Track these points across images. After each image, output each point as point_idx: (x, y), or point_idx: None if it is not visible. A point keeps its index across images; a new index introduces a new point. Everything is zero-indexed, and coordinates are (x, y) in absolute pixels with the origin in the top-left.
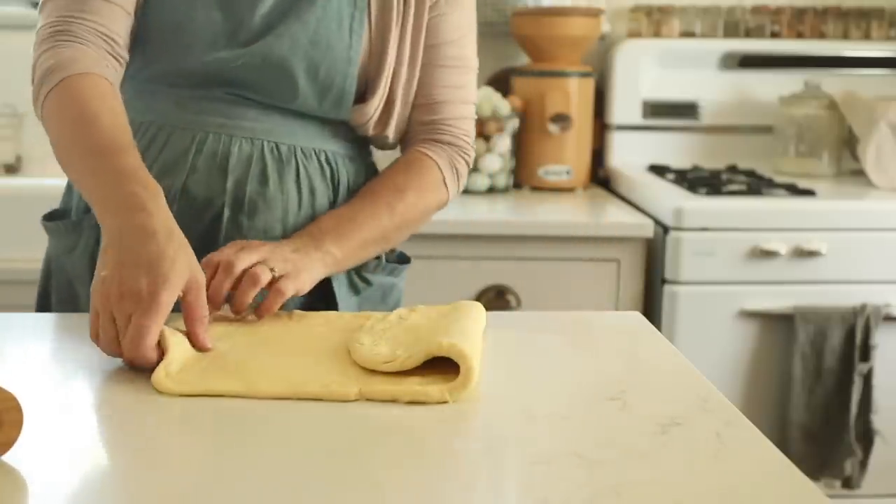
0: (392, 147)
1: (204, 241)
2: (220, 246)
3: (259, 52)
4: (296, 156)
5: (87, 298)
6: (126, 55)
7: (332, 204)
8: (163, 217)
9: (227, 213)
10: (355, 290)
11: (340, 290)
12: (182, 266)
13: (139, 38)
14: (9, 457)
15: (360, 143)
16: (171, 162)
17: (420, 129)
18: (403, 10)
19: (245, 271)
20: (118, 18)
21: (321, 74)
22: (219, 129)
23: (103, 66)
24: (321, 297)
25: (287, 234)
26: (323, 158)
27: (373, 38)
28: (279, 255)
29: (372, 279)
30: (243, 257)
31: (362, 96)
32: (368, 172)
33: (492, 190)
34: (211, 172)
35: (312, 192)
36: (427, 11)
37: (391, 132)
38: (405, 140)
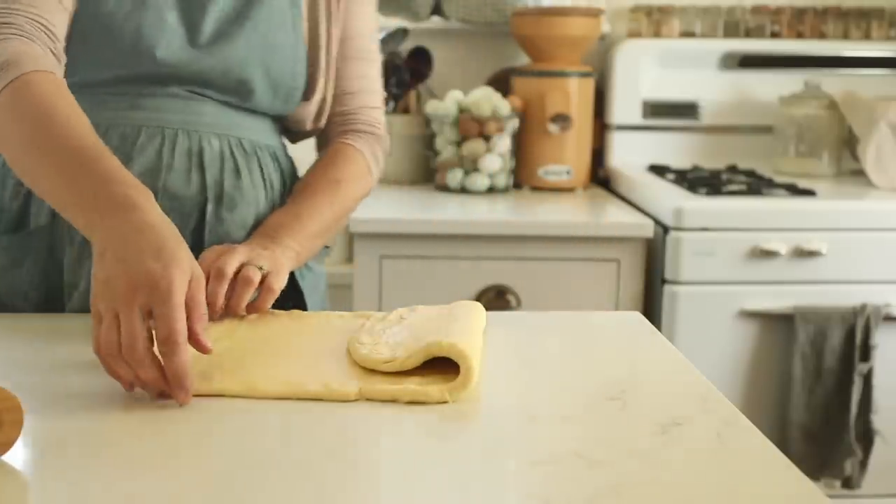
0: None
1: (191, 238)
2: (206, 241)
3: (217, 55)
4: (256, 151)
5: (40, 303)
6: (64, 56)
7: (284, 196)
8: (158, 213)
9: (210, 208)
10: (302, 278)
11: (303, 282)
12: (187, 254)
13: (82, 42)
14: (9, 457)
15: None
16: (147, 164)
17: (338, 121)
18: (327, 4)
19: (235, 274)
20: (55, 11)
21: (274, 74)
22: (185, 125)
23: (53, 65)
24: (286, 293)
25: (258, 227)
26: (272, 153)
27: (309, 34)
28: (257, 254)
29: (313, 267)
30: (229, 261)
31: (304, 93)
32: (294, 166)
33: (492, 190)
34: (189, 170)
35: (272, 185)
36: (340, 6)
37: (323, 125)
38: (323, 132)
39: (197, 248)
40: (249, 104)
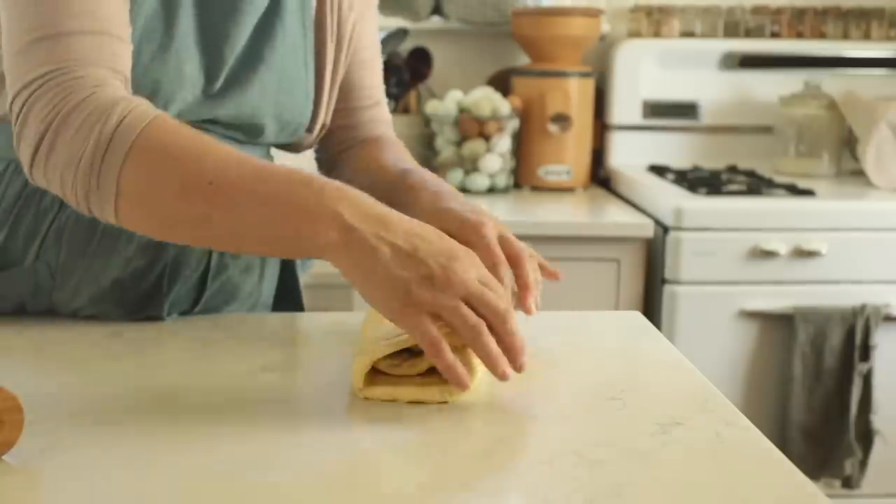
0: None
1: (197, 287)
2: (207, 287)
3: (229, 102)
4: None
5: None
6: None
7: None
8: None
9: (214, 255)
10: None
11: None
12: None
13: None
14: (9, 457)
15: None
16: None
17: (370, 125)
18: (334, 28)
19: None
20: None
21: (286, 115)
22: None
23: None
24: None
25: (264, 259)
26: None
27: (316, 61)
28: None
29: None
30: (510, 236)
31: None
32: None
33: (492, 190)
34: None
35: None
36: (350, 22)
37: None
38: (348, 137)
39: (199, 292)
40: (255, 141)
